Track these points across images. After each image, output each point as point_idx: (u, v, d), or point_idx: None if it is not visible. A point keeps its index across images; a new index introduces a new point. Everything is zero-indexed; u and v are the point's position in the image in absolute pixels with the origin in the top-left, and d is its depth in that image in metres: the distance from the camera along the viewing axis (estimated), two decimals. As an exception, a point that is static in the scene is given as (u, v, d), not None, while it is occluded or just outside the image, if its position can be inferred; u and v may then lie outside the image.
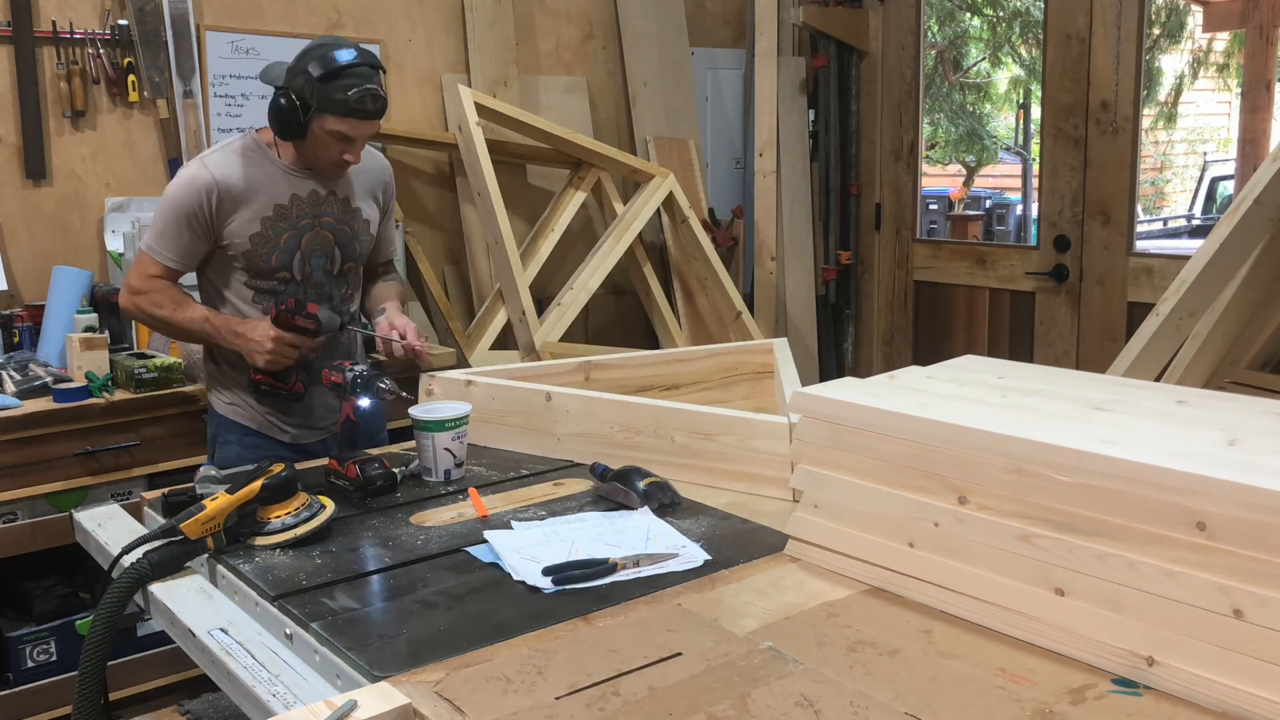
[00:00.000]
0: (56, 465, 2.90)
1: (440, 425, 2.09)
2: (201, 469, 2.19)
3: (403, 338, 2.41)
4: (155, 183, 3.55)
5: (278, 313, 2.33)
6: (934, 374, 1.83)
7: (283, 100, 2.35)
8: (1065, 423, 1.47)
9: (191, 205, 2.40)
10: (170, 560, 1.71)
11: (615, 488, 1.95)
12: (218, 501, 1.72)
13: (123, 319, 3.17)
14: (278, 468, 1.79)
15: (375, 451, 2.25)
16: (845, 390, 1.67)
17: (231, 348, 2.41)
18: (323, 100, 2.33)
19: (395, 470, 2.07)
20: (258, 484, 1.75)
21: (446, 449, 2.10)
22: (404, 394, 2.22)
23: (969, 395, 1.64)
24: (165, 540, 1.72)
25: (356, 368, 2.16)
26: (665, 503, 1.90)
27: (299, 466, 2.24)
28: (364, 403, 2.14)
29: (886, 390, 1.68)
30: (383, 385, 2.14)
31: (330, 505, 1.84)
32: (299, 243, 2.48)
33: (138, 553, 1.72)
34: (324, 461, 2.18)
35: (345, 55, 2.34)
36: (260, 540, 1.76)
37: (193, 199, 2.40)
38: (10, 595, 3.09)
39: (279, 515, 1.77)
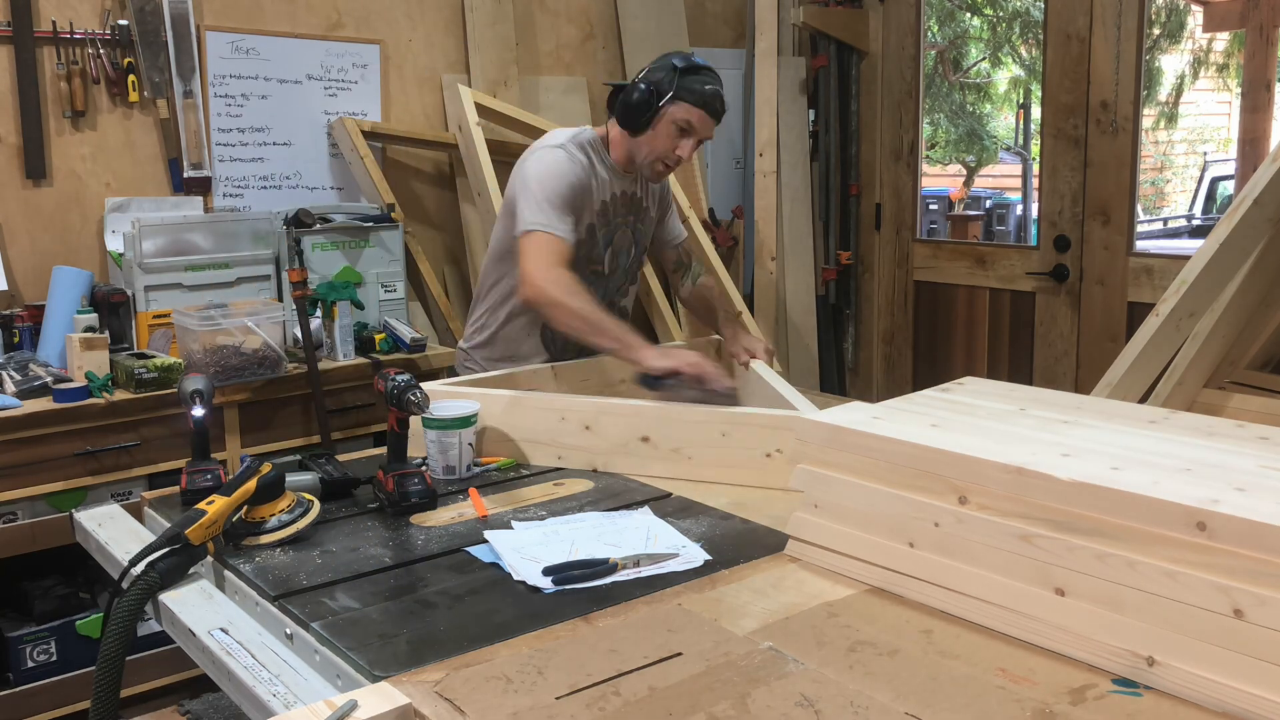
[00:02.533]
0: (56, 465, 2.90)
1: (465, 422, 2.12)
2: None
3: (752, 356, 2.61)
4: (155, 183, 3.55)
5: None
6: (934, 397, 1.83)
7: (641, 88, 2.50)
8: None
9: (576, 177, 2.49)
10: (177, 568, 1.71)
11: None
12: (216, 505, 1.71)
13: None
14: (266, 468, 1.79)
15: None
16: (850, 416, 1.67)
17: (626, 359, 2.32)
18: (680, 88, 2.49)
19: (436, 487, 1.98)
20: (252, 484, 1.75)
21: (470, 444, 2.13)
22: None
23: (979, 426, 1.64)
24: (169, 548, 1.71)
25: (399, 377, 2.00)
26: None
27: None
28: (405, 414, 1.98)
29: (890, 414, 1.67)
30: (412, 399, 1.96)
31: (316, 502, 1.84)
32: (612, 239, 2.64)
33: (143, 564, 1.71)
34: None
35: (703, 60, 2.56)
36: (265, 539, 1.76)
37: (576, 172, 2.50)
38: (10, 595, 3.09)
39: (273, 514, 1.78)
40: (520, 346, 2.68)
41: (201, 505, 1.72)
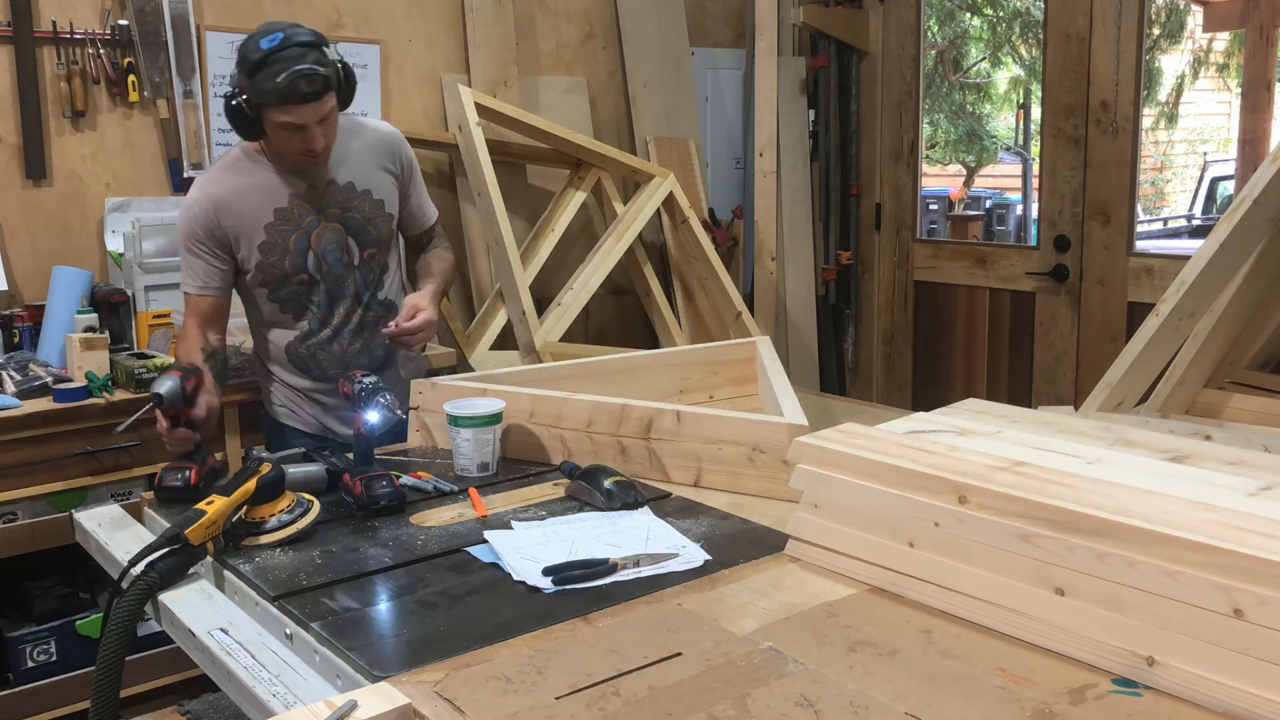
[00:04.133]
0: (56, 465, 2.90)
1: (496, 419, 2.13)
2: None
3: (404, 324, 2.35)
4: (155, 183, 3.55)
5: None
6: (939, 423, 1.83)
7: (231, 102, 2.29)
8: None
9: (196, 230, 2.38)
10: (177, 569, 1.70)
11: (581, 486, 1.97)
12: (215, 505, 1.71)
13: None
14: (266, 468, 1.79)
15: (398, 447, 2.27)
16: (848, 440, 1.66)
17: None
18: (257, 94, 2.23)
19: (404, 487, 1.99)
20: (252, 484, 1.75)
21: (498, 440, 2.14)
22: (401, 413, 2.13)
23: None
24: (169, 548, 1.71)
25: (365, 379, 2.03)
26: (629, 502, 1.90)
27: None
28: (371, 418, 2.01)
29: (888, 441, 1.67)
30: (383, 400, 2.01)
31: (316, 503, 1.84)
32: (308, 241, 2.42)
33: (143, 564, 1.71)
34: None
35: (268, 41, 2.22)
36: (265, 539, 1.76)
37: (195, 223, 2.37)
38: (10, 595, 3.09)
39: (273, 514, 1.78)
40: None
41: (201, 505, 1.72)
